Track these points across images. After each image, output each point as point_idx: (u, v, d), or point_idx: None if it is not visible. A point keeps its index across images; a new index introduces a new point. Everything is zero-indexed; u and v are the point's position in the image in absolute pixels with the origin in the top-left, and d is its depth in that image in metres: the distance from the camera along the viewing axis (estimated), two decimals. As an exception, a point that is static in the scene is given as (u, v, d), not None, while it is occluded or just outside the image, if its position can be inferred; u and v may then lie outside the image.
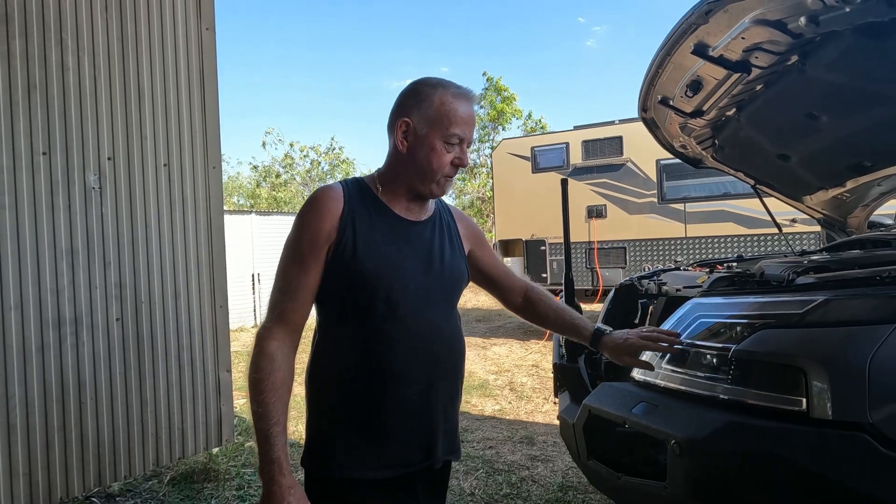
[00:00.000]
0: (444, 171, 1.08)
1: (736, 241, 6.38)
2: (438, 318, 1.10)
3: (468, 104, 1.09)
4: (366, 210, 1.07)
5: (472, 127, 1.10)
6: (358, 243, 1.03)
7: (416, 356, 1.06)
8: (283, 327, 1.03)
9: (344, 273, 1.03)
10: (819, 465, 1.05)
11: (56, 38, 2.23)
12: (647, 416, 1.29)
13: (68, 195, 2.25)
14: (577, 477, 2.91)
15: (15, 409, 2.06)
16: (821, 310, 1.15)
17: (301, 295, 1.03)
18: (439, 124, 1.06)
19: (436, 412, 1.09)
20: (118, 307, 2.39)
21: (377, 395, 1.04)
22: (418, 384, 1.06)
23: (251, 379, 0.99)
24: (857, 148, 2.25)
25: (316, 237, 1.02)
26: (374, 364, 1.04)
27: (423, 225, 1.13)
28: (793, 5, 1.41)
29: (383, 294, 1.03)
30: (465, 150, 1.10)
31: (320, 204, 1.05)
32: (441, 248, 1.13)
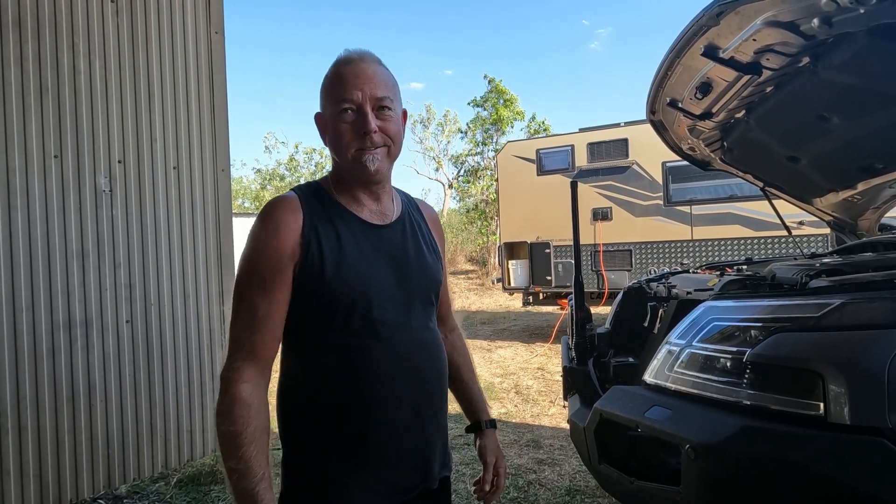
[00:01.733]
0: (351, 146, 0.94)
1: (743, 244, 6.34)
2: (419, 329, 1.00)
3: (354, 64, 0.95)
4: (328, 219, 0.95)
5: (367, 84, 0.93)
6: (326, 259, 0.91)
7: (402, 374, 0.96)
8: (253, 366, 0.89)
9: (313, 294, 0.91)
10: (837, 471, 1.04)
11: (68, 42, 2.25)
12: (661, 420, 1.28)
13: (79, 197, 2.26)
14: (584, 481, 2.89)
15: (26, 410, 2.07)
16: (837, 313, 1.14)
17: (269, 325, 0.90)
18: (330, 98, 0.96)
19: (429, 428, 1.00)
20: (128, 309, 2.40)
21: (366, 423, 0.93)
22: (408, 403, 0.96)
23: (225, 432, 0.85)
24: (869, 150, 2.23)
25: (278, 258, 0.89)
26: (358, 390, 0.93)
27: (391, 228, 1.01)
28: (806, 7, 1.40)
29: (360, 312, 0.93)
30: (367, 113, 0.93)
31: (277, 219, 0.91)
32: (416, 251, 1.03)
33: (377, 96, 0.94)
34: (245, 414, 0.87)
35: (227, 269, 2.80)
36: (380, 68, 0.98)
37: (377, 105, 0.95)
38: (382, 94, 0.95)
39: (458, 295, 13.28)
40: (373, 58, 0.98)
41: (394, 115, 0.98)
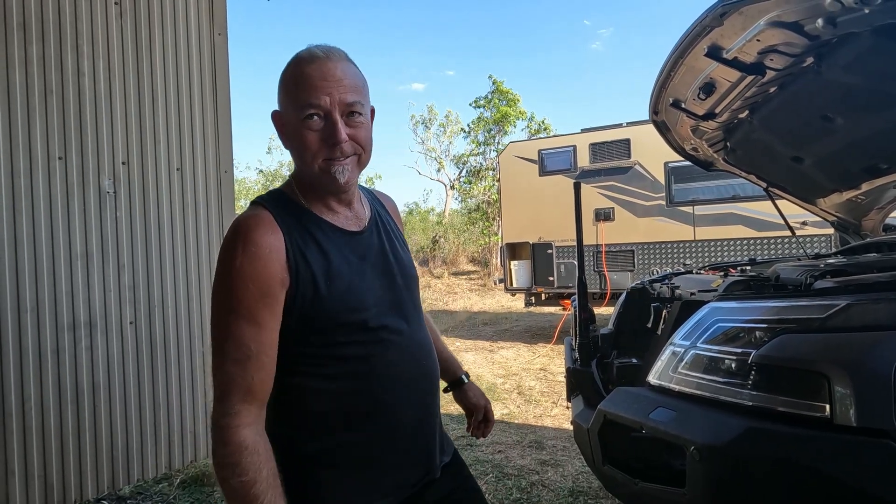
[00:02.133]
0: (319, 156, 0.86)
1: (745, 244, 6.33)
2: (415, 328, 0.98)
3: (319, 63, 0.85)
4: (308, 233, 0.88)
5: (335, 88, 0.84)
6: (318, 280, 0.85)
7: (410, 376, 0.94)
8: (252, 406, 0.81)
9: (312, 317, 0.85)
10: (843, 473, 1.04)
11: (72, 44, 2.26)
12: (665, 422, 1.28)
13: (83, 199, 2.27)
14: (587, 482, 2.88)
15: (31, 411, 2.08)
16: (843, 314, 1.13)
17: (265, 359, 0.82)
18: (293, 100, 0.85)
19: (431, 423, 1.00)
20: (132, 310, 2.40)
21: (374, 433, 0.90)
22: (416, 404, 0.95)
23: (237, 486, 0.77)
24: (873, 150, 2.22)
25: (266, 288, 0.81)
26: (367, 403, 0.89)
27: (368, 233, 0.96)
28: (810, 7, 1.39)
29: (362, 324, 0.89)
30: (336, 121, 0.85)
31: (259, 244, 0.82)
32: (393, 252, 0.99)
33: (347, 101, 0.85)
34: (256, 461, 0.79)
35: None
36: (349, 67, 0.88)
37: (347, 111, 0.86)
38: (353, 99, 0.86)
39: (461, 296, 13.28)
40: (340, 55, 0.88)
41: (364, 121, 0.89)
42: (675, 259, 6.68)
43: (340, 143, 0.85)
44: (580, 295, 2.01)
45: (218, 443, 0.79)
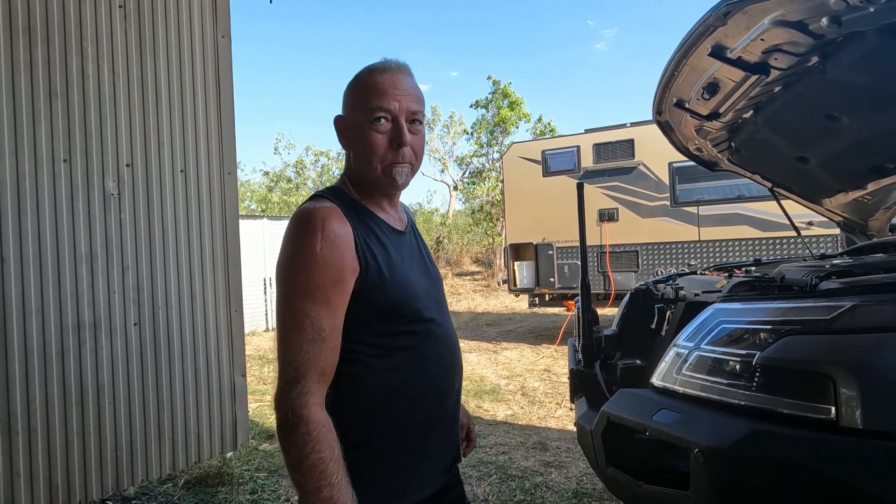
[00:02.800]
0: (384, 158, 0.93)
1: (750, 245, 6.29)
2: (448, 324, 1.06)
3: (391, 73, 0.94)
4: (368, 228, 0.95)
5: (404, 97, 0.93)
6: (382, 269, 0.92)
7: (450, 367, 1.02)
8: (323, 386, 0.87)
9: (378, 303, 0.91)
10: (848, 475, 1.03)
11: (77, 47, 2.27)
12: (669, 424, 1.27)
13: (88, 201, 2.28)
14: (591, 484, 2.87)
15: (36, 412, 2.09)
16: (849, 315, 1.12)
17: (334, 341, 0.88)
18: (363, 103, 0.93)
19: (458, 415, 1.09)
20: (136, 311, 2.41)
21: (429, 414, 0.98)
22: (451, 394, 1.03)
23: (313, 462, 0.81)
24: (879, 149, 2.20)
25: (339, 273, 0.87)
26: (422, 387, 0.96)
27: (408, 234, 1.05)
28: (815, 6, 1.38)
29: (415, 315, 0.95)
30: (402, 125, 0.93)
31: (335, 233, 0.88)
32: (426, 254, 1.08)
33: (412, 109, 0.94)
34: (329, 437, 0.83)
35: (233, 272, 2.82)
36: (414, 80, 0.98)
37: (410, 118, 0.95)
38: (416, 108, 0.95)
39: (464, 296, 13.27)
40: (408, 69, 0.98)
41: (423, 131, 0.98)
42: (679, 260, 6.65)
43: (405, 146, 0.94)
44: (583, 296, 2.00)
45: (298, 422, 0.82)
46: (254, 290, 8.42)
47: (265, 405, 4.60)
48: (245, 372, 2.87)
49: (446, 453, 1.04)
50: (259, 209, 19.88)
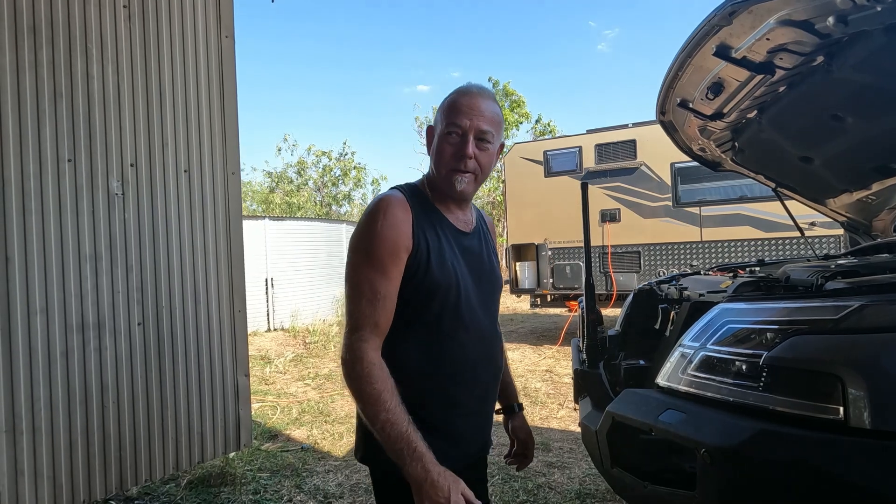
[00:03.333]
0: (448, 164, 1.10)
1: (753, 245, 6.28)
2: (489, 323, 1.18)
3: (471, 96, 1.10)
4: (428, 220, 1.11)
5: (476, 117, 1.08)
6: (431, 255, 1.07)
7: (481, 360, 1.13)
8: (377, 337, 1.03)
9: (419, 283, 1.06)
10: (857, 476, 1.02)
11: (81, 48, 2.27)
12: (675, 424, 1.27)
13: (92, 201, 2.29)
14: (594, 484, 2.86)
15: (40, 412, 2.09)
16: (856, 315, 1.12)
17: (389, 304, 1.04)
18: (443, 118, 1.11)
19: (490, 407, 1.20)
20: (140, 311, 2.41)
21: (450, 399, 1.09)
22: (481, 386, 1.15)
23: (369, 392, 0.97)
24: (884, 149, 2.20)
25: (396, 248, 1.04)
26: (448, 369, 1.09)
27: (472, 236, 1.19)
28: (821, 5, 1.38)
29: (452, 302, 1.08)
30: (469, 141, 1.08)
31: (396, 216, 1.05)
32: (488, 258, 1.21)
33: (482, 129, 1.09)
34: (382, 374, 0.99)
35: (236, 272, 2.82)
36: (491, 105, 1.12)
37: (479, 136, 1.09)
38: (486, 128, 1.10)
39: (466, 297, 13.24)
40: (489, 94, 1.14)
41: (490, 149, 1.12)
42: (681, 260, 6.64)
43: (466, 157, 1.09)
44: (588, 296, 1.99)
45: (355, 360, 1.00)
46: (256, 290, 8.42)
47: (267, 405, 4.61)
48: (248, 372, 2.87)
49: (470, 440, 1.14)
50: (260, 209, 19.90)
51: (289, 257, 9.00)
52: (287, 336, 8.17)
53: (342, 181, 20.48)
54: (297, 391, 5.15)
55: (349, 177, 20.26)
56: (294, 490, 2.93)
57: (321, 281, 9.54)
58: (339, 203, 20.58)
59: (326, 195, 20.21)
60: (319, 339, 7.62)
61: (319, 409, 4.50)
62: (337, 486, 2.95)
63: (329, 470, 3.20)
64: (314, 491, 2.91)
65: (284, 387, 5.35)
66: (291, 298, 8.87)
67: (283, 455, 3.45)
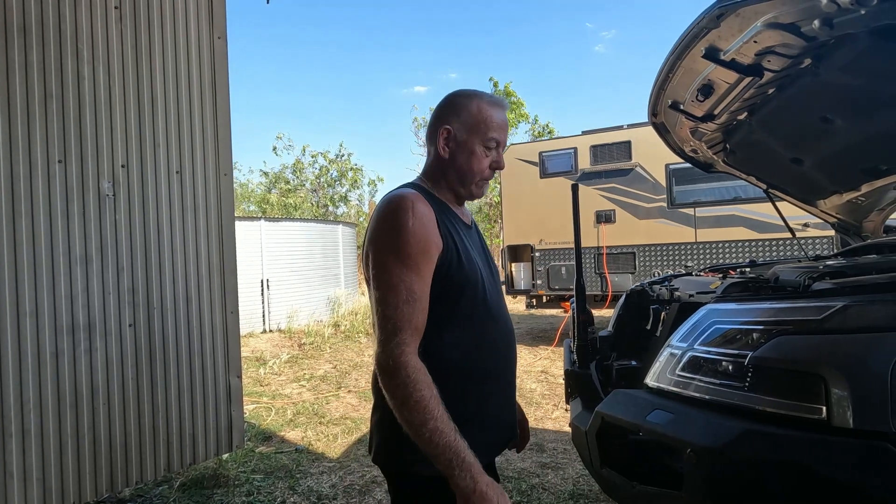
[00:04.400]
0: (483, 174, 1.17)
1: (746, 246, 6.31)
2: (505, 312, 1.21)
3: (502, 111, 1.18)
4: (446, 216, 1.13)
5: (507, 131, 1.18)
6: (459, 249, 1.09)
7: (506, 346, 1.17)
8: (417, 339, 1.01)
9: (452, 280, 1.07)
10: (840, 475, 1.03)
11: (72, 49, 2.27)
12: (663, 424, 1.27)
13: (83, 202, 2.28)
14: (587, 485, 2.87)
15: (30, 414, 2.08)
16: (840, 316, 1.13)
17: (424, 304, 1.03)
18: (478, 130, 1.15)
19: (513, 400, 1.23)
20: (131, 313, 2.41)
21: (483, 391, 1.11)
22: (510, 373, 1.19)
23: (416, 399, 0.95)
24: (873, 151, 2.22)
25: (427, 246, 1.04)
26: (484, 362, 1.11)
27: (473, 231, 1.25)
28: (806, 8, 1.39)
29: (480, 294, 1.11)
30: (501, 153, 1.18)
31: (423, 214, 1.05)
32: (488, 250, 1.27)
33: (505, 142, 1.19)
34: (427, 379, 0.97)
35: (229, 273, 2.81)
36: None
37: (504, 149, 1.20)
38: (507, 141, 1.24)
39: (462, 298, 13.24)
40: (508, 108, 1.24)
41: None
42: (676, 261, 6.66)
43: (497, 167, 1.18)
44: (578, 297, 2.00)
45: (399, 367, 0.97)
46: (251, 292, 8.40)
47: (261, 407, 4.59)
48: (241, 373, 2.86)
49: (501, 431, 1.17)
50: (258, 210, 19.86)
51: (285, 258, 8.99)
52: (282, 337, 8.15)
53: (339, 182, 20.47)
54: (291, 392, 5.14)
55: (346, 178, 20.25)
56: (288, 492, 2.92)
57: (317, 282, 9.52)
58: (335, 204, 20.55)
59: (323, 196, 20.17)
60: (315, 341, 7.61)
61: (314, 410, 4.49)
62: (331, 488, 2.95)
63: (323, 471, 3.19)
64: (308, 493, 2.90)
65: (279, 388, 5.34)
66: (287, 300, 8.86)
67: (277, 457, 3.44)
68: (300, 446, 3.65)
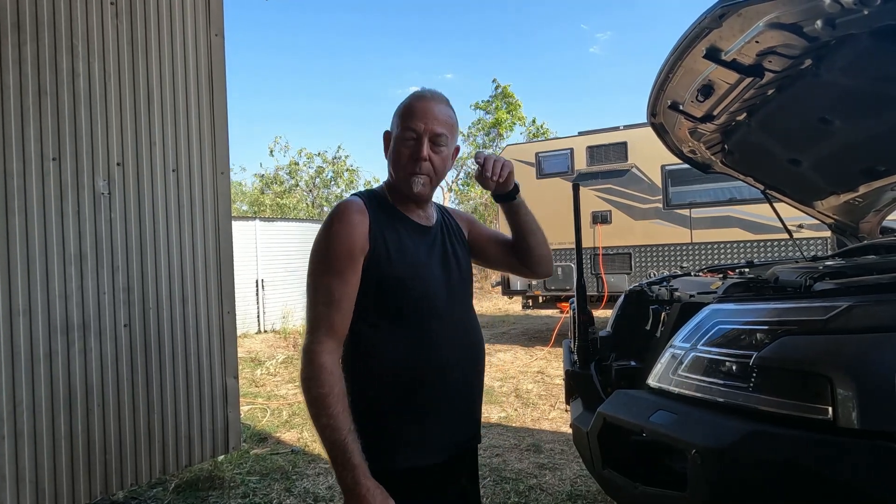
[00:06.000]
0: (405, 167, 1.13)
1: (742, 247, 6.34)
2: (465, 312, 1.21)
3: (425, 100, 1.14)
4: (388, 219, 1.14)
5: (430, 121, 1.11)
6: (391, 252, 1.10)
7: (458, 345, 1.16)
8: (332, 339, 1.05)
9: (384, 280, 1.09)
10: (846, 476, 1.03)
11: (67, 45, 2.24)
12: (666, 425, 1.27)
13: (77, 200, 2.25)
14: (585, 486, 2.87)
15: (23, 415, 2.05)
16: (845, 316, 1.12)
17: (345, 306, 1.07)
18: (399, 124, 1.14)
19: (475, 393, 1.22)
20: (126, 313, 2.38)
21: (429, 388, 1.11)
22: (461, 372, 1.16)
23: (314, 395, 1.00)
24: (871, 152, 2.23)
25: (351, 249, 1.07)
26: (424, 360, 1.11)
27: (434, 229, 1.22)
28: (809, 8, 1.39)
29: (422, 295, 1.12)
30: (424, 143, 1.11)
31: (349, 217, 1.09)
32: (453, 249, 1.23)
33: (436, 132, 1.12)
34: (330, 379, 1.01)
35: (226, 273, 2.78)
36: (445, 109, 1.16)
37: (433, 139, 1.13)
38: (440, 131, 1.13)
39: (458, 298, 13.23)
40: (442, 98, 1.17)
41: (444, 152, 1.16)
42: (671, 262, 6.68)
43: (421, 160, 1.12)
44: (579, 297, 1.99)
45: (305, 363, 1.03)
46: (246, 292, 8.35)
47: (257, 408, 4.56)
48: (237, 374, 2.84)
49: (450, 432, 1.15)
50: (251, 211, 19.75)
51: (280, 259, 8.94)
52: (278, 338, 8.11)
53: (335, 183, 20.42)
54: (287, 393, 5.11)
55: (342, 178, 20.19)
56: (284, 493, 2.90)
57: (312, 282, 9.47)
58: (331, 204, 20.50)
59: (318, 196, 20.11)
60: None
61: (310, 411, 4.45)
62: (327, 490, 2.93)
63: (319, 473, 3.17)
64: (304, 494, 2.88)
65: (274, 389, 5.30)
66: (282, 300, 8.82)
67: (272, 458, 3.42)
68: (296, 447, 3.63)
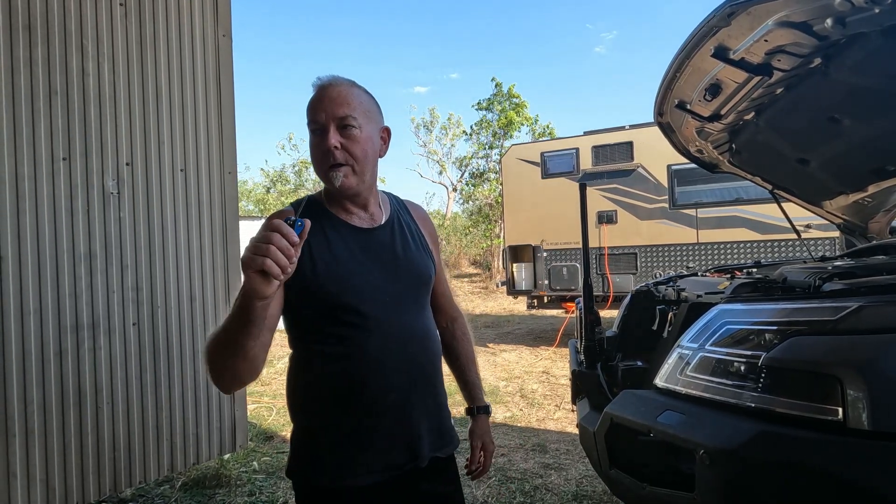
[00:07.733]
0: (320, 164, 1.04)
1: (749, 247, 6.30)
2: (410, 320, 1.09)
3: (321, 88, 1.03)
4: (320, 227, 1.04)
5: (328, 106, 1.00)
6: (316, 264, 1.01)
7: (393, 362, 1.05)
8: None
9: (308, 292, 1.01)
10: (856, 477, 1.02)
11: (77, 45, 2.26)
12: (674, 425, 1.26)
13: (87, 200, 2.27)
14: (591, 486, 2.86)
15: (33, 414, 2.07)
16: (855, 316, 1.12)
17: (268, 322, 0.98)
18: (307, 121, 1.04)
19: (417, 413, 1.08)
20: (135, 311, 2.39)
21: (359, 405, 1.03)
22: (398, 389, 1.05)
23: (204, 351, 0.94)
24: (881, 152, 2.21)
25: None
26: (353, 376, 1.02)
27: (381, 230, 1.11)
28: (819, 7, 1.38)
29: (351, 306, 1.02)
30: (329, 132, 1.00)
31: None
32: (404, 250, 1.12)
33: (338, 115, 1.00)
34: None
35: (233, 272, 2.80)
36: (349, 90, 1.04)
37: (340, 124, 1.01)
38: (344, 113, 1.00)
39: (463, 298, 13.25)
40: (342, 81, 1.05)
41: (357, 134, 1.02)
42: (677, 262, 6.65)
43: (329, 150, 1.00)
44: (586, 297, 1.99)
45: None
46: (252, 291, 8.38)
47: (263, 406, 4.58)
48: (244, 373, 2.85)
49: (390, 449, 1.05)
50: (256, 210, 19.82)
51: (285, 258, 8.95)
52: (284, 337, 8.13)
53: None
54: (293, 392, 5.12)
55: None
56: (290, 492, 2.91)
57: (318, 282, 9.49)
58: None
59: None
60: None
61: (316, 410, 4.47)
62: (333, 488, 2.93)
63: (325, 471, 3.18)
64: (310, 493, 2.89)
65: (280, 388, 5.32)
66: (288, 299, 8.83)
67: (278, 456, 3.43)
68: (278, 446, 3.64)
